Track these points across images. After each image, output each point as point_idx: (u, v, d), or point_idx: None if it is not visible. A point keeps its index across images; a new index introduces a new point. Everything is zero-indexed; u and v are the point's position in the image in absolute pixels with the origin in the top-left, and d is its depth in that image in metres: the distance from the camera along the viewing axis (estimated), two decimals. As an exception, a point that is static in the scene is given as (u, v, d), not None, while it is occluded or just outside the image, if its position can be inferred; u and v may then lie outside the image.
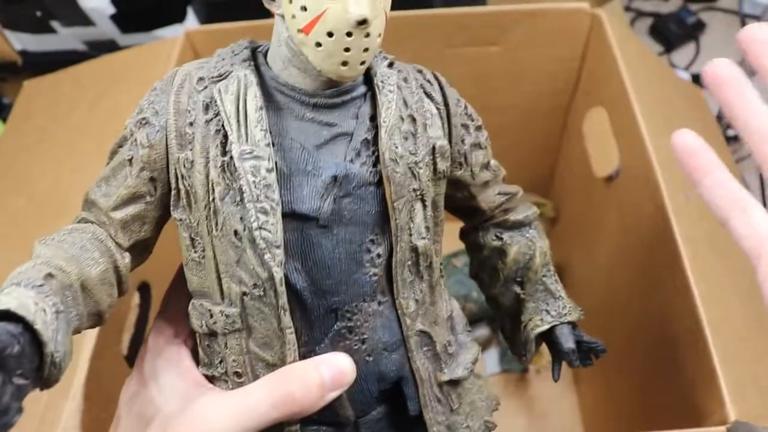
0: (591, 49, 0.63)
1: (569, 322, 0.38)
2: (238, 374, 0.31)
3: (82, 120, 0.57)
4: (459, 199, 0.37)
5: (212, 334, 0.32)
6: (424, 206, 0.32)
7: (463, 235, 0.41)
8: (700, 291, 0.42)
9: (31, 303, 0.25)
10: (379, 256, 0.32)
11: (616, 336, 0.55)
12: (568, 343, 0.37)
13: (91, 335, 0.41)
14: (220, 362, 0.32)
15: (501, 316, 0.41)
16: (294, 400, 0.29)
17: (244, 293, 0.30)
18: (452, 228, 0.44)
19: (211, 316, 0.31)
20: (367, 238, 0.31)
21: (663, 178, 0.47)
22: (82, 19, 0.79)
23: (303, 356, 0.31)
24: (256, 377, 0.31)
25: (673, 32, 1.12)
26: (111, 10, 0.78)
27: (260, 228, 0.29)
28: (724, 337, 0.41)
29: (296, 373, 0.30)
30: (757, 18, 1.12)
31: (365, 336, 0.32)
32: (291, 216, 0.30)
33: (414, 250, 0.32)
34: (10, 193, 0.54)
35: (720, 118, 0.89)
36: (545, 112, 0.71)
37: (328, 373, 0.30)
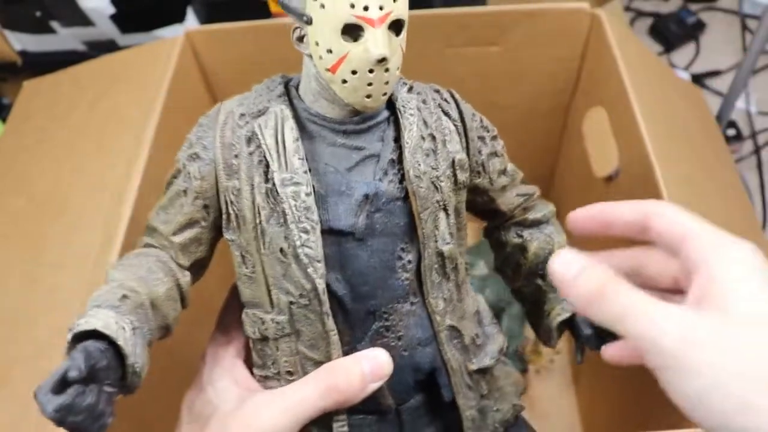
0: (591, 49, 0.63)
1: None
2: (290, 373, 0.35)
3: (81, 120, 0.57)
4: (480, 204, 0.41)
5: (264, 339, 0.36)
6: (447, 215, 0.36)
7: (487, 233, 0.45)
8: (700, 291, 0.42)
9: (112, 322, 0.30)
10: (409, 262, 0.36)
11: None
12: (586, 329, 0.39)
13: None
14: (273, 363, 0.36)
15: (526, 306, 0.44)
16: (339, 391, 0.33)
17: (291, 302, 0.34)
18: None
19: (263, 323, 0.35)
20: (398, 247, 0.35)
21: (663, 178, 0.47)
22: (81, 19, 0.79)
23: (346, 354, 0.35)
24: (305, 374, 0.35)
25: (672, 32, 1.13)
26: (111, 10, 0.78)
27: (303, 245, 0.33)
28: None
29: (340, 367, 0.34)
30: (757, 18, 1.12)
31: (401, 333, 0.36)
32: (329, 232, 0.34)
33: (440, 254, 0.36)
34: (10, 193, 0.54)
35: (720, 118, 0.89)
36: (545, 112, 0.71)
37: (368, 367, 0.34)
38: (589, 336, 0.39)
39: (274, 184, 0.33)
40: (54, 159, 0.55)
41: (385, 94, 0.33)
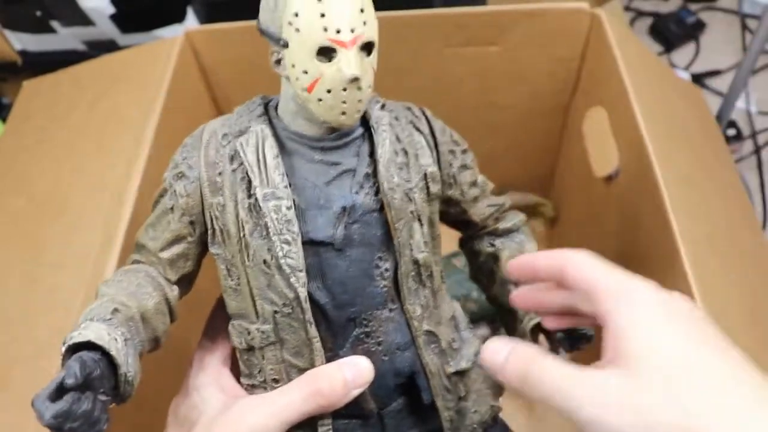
0: (591, 49, 0.63)
1: None
2: (275, 380, 0.37)
3: (81, 120, 0.57)
4: (453, 214, 0.43)
5: (251, 349, 0.37)
6: (421, 224, 0.38)
7: (461, 244, 0.47)
8: (699, 290, 0.42)
9: (105, 334, 0.31)
10: (386, 270, 0.37)
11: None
12: (558, 332, 0.41)
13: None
14: (259, 372, 0.37)
15: (501, 313, 0.45)
16: (323, 396, 0.34)
17: (275, 311, 0.36)
18: (452, 231, 0.45)
19: (249, 333, 0.37)
20: (375, 256, 0.37)
21: (663, 178, 0.47)
22: (81, 19, 0.79)
23: (329, 360, 0.36)
24: (290, 381, 0.36)
25: (672, 32, 1.12)
26: (111, 10, 0.78)
27: (285, 256, 0.34)
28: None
29: (323, 373, 0.35)
30: (757, 18, 1.12)
31: (380, 339, 0.37)
32: (310, 243, 0.35)
33: (416, 262, 0.37)
34: (10, 193, 0.54)
35: (720, 117, 0.89)
36: (545, 112, 0.71)
37: (350, 373, 0.35)
38: (562, 339, 0.41)
39: (256, 199, 0.35)
40: (54, 159, 0.55)
41: (359, 111, 0.35)
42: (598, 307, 0.31)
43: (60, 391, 0.29)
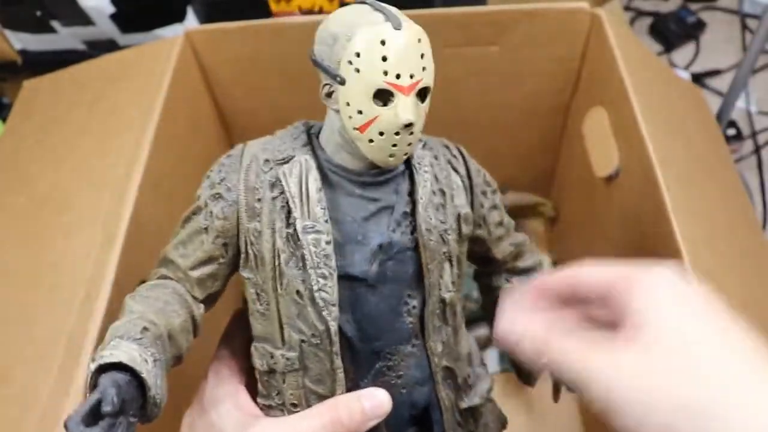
0: (591, 49, 0.63)
1: None
2: (294, 405, 0.37)
3: (81, 120, 0.57)
4: (478, 252, 0.43)
5: (271, 372, 0.37)
6: (452, 265, 0.38)
7: (478, 277, 0.47)
8: (699, 291, 0.42)
9: (136, 355, 0.31)
10: (414, 307, 0.38)
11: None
12: None
13: (92, 335, 0.41)
14: (278, 394, 0.38)
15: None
16: (342, 424, 0.35)
17: (303, 340, 0.36)
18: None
19: (272, 357, 0.37)
20: (405, 293, 0.37)
21: (663, 177, 0.47)
22: (81, 18, 0.79)
23: (349, 389, 0.37)
24: (309, 407, 0.37)
25: (672, 32, 1.12)
26: (111, 9, 0.78)
27: (320, 290, 0.35)
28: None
29: (343, 402, 0.36)
30: (757, 17, 1.12)
31: (401, 373, 0.38)
32: (345, 278, 0.36)
33: (442, 301, 0.38)
34: (10, 193, 0.54)
35: (720, 117, 0.89)
36: (545, 111, 0.71)
37: (369, 404, 0.36)
38: None
39: (295, 230, 0.35)
40: (54, 159, 0.55)
41: (406, 154, 0.35)
42: (615, 302, 0.32)
43: (95, 414, 0.29)
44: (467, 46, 0.64)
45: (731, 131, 0.97)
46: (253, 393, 0.39)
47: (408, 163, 0.38)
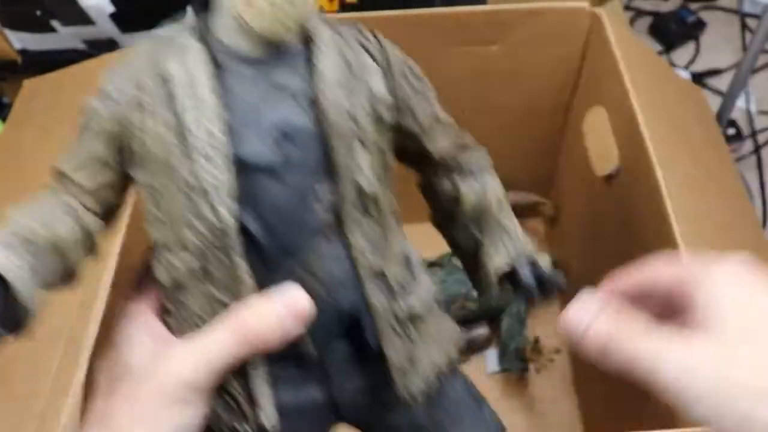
0: (591, 49, 0.63)
1: (528, 260, 0.39)
2: (202, 318, 0.34)
3: (81, 119, 0.57)
4: (411, 148, 0.39)
5: (177, 286, 0.34)
6: (365, 149, 0.34)
7: (422, 188, 0.42)
8: (699, 291, 0.42)
9: (8, 262, 0.29)
10: (326, 197, 0.34)
11: (616, 335, 0.55)
12: (526, 279, 0.38)
13: (91, 334, 0.41)
14: (185, 309, 0.34)
15: (464, 262, 0.42)
16: (254, 332, 0.31)
17: (202, 241, 0.32)
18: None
19: (173, 266, 0.34)
20: (313, 181, 0.33)
21: (663, 177, 0.47)
22: (81, 18, 0.79)
23: None
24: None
25: (672, 31, 1.12)
26: (111, 8, 0.78)
27: (213, 180, 0.31)
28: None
29: (251, 307, 0.32)
30: (757, 17, 1.12)
31: (318, 273, 0.34)
32: (242, 167, 0.32)
33: (358, 189, 0.34)
34: (10, 193, 0.54)
35: (720, 117, 0.89)
36: (545, 111, 0.71)
37: (282, 303, 0.32)
38: (530, 286, 0.38)
39: (185, 120, 0.32)
40: (54, 159, 0.55)
41: (299, 23, 0.32)
42: (685, 297, 0.31)
43: None
44: (467, 46, 0.64)
45: (731, 131, 0.97)
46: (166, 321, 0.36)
47: (310, 41, 0.34)
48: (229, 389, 0.34)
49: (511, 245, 0.39)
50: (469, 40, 0.64)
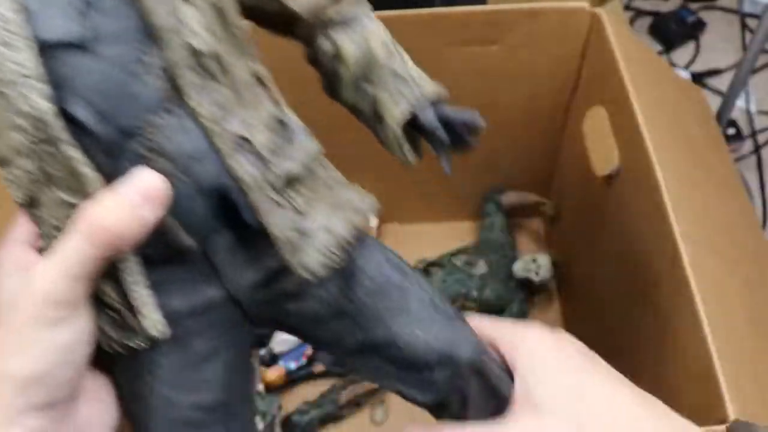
0: (591, 49, 0.63)
1: (429, 102, 0.37)
2: (58, 228, 0.31)
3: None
4: (270, 11, 0.35)
5: (32, 203, 0.31)
6: (192, 5, 0.30)
7: (308, 61, 0.39)
8: (699, 290, 0.42)
9: None
10: (155, 65, 0.30)
11: (616, 335, 0.55)
12: (430, 123, 0.36)
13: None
14: (45, 225, 0.32)
15: (370, 127, 0.39)
16: (107, 228, 0.28)
17: (29, 140, 0.29)
18: (450, 228, 0.44)
19: (18, 177, 0.30)
20: (136, 50, 0.30)
21: (663, 177, 0.47)
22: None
23: None
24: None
25: (672, 31, 1.13)
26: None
27: (17, 67, 0.28)
28: (723, 335, 0.41)
29: (100, 202, 0.29)
30: (757, 17, 1.12)
31: (166, 150, 0.30)
32: (48, 47, 0.29)
33: (191, 50, 0.30)
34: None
35: (719, 117, 0.90)
36: (545, 112, 0.71)
37: (131, 190, 0.28)
38: (435, 128, 0.35)
39: None
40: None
41: None
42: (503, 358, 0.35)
43: None
44: (467, 46, 0.64)
45: (731, 131, 0.97)
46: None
47: None
48: (107, 301, 0.31)
49: (409, 91, 0.36)
50: (469, 40, 0.64)
